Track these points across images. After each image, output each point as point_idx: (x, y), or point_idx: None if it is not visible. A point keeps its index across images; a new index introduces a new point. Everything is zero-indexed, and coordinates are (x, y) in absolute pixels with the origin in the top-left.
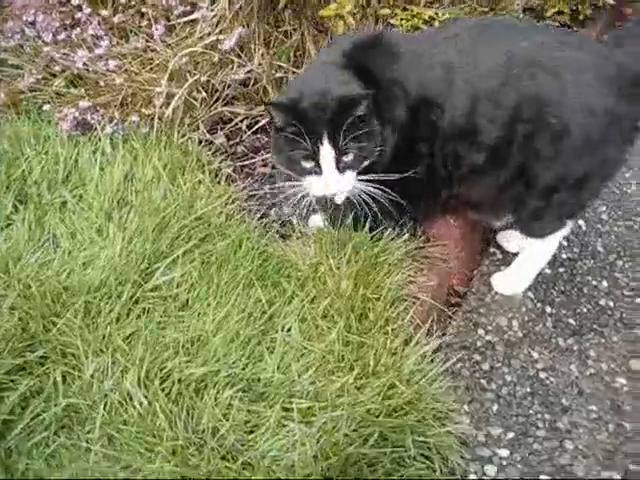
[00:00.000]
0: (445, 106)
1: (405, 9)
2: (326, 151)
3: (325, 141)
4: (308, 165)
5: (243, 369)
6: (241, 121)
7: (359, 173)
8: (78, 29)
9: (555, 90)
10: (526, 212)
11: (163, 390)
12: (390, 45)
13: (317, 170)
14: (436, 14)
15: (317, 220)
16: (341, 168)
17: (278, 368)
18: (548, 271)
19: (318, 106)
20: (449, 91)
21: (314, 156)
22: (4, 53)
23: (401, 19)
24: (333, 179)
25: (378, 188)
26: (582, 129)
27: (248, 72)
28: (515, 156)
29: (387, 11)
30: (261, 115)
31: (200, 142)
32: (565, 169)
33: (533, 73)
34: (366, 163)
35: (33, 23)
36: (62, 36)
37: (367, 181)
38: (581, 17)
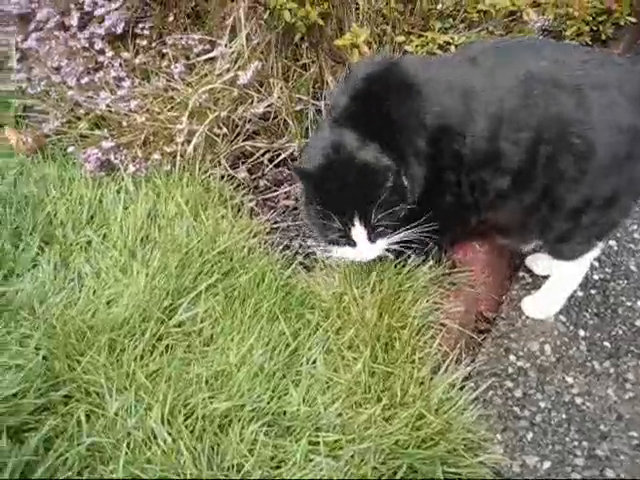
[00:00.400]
0: (466, 132)
1: (420, 35)
2: (358, 231)
3: (356, 221)
4: (340, 239)
5: (268, 403)
6: (262, 155)
7: None
8: (101, 72)
9: (577, 109)
10: (553, 235)
11: (187, 427)
12: (405, 75)
13: (350, 242)
14: (452, 39)
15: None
16: (373, 238)
17: (304, 401)
18: (580, 293)
19: (344, 181)
20: (469, 117)
21: (345, 234)
22: (31, 99)
23: (416, 45)
24: (366, 250)
25: (408, 228)
26: (607, 148)
27: (268, 106)
28: (539, 178)
29: (402, 38)
30: (282, 148)
31: (222, 177)
32: (591, 190)
33: (554, 93)
34: (393, 226)
35: (58, 69)
36: (86, 80)
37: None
38: (603, 37)
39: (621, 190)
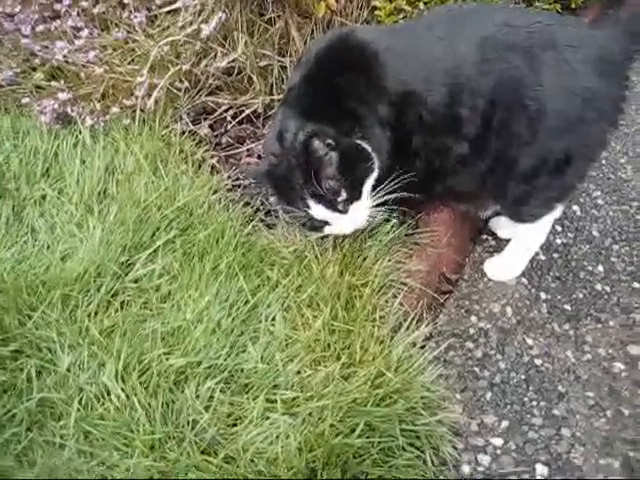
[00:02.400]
0: (427, 99)
1: None
2: (318, 209)
3: (310, 202)
4: (315, 223)
5: (225, 360)
6: (225, 111)
7: None
8: (58, 21)
9: (529, 71)
10: (510, 198)
11: (141, 383)
12: (362, 45)
13: (322, 223)
14: None
15: None
16: (343, 207)
17: (262, 358)
18: (542, 257)
19: (290, 174)
20: (429, 83)
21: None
22: None
23: (384, 1)
24: (344, 222)
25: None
26: (559, 109)
27: (232, 61)
28: (493, 142)
29: None
30: (246, 105)
31: (183, 133)
32: (544, 152)
33: (507, 56)
34: (370, 181)
35: (11, 16)
36: (41, 28)
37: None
38: (573, 5)
39: (574, 153)
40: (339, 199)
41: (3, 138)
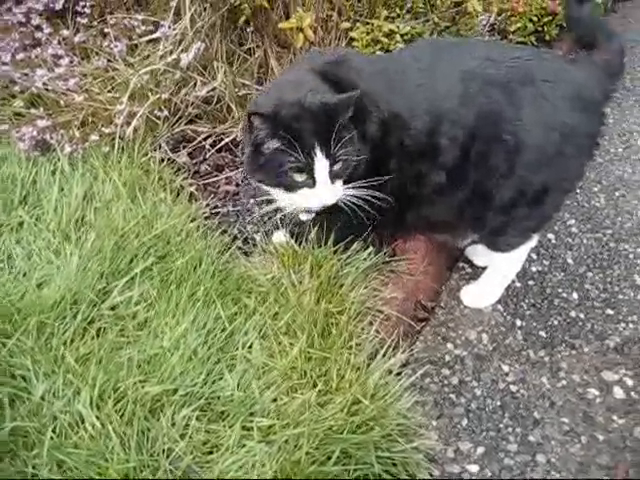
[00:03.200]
0: (410, 124)
1: (367, 23)
2: (320, 162)
3: (317, 151)
4: (300, 178)
5: (201, 387)
6: (205, 139)
7: None
8: (38, 49)
9: (508, 106)
10: (487, 228)
11: (117, 411)
12: (358, 64)
13: (309, 182)
14: (397, 27)
15: (281, 236)
16: (332, 178)
17: (238, 386)
18: (518, 284)
19: (306, 114)
20: (413, 110)
21: (307, 168)
22: None
23: (362, 32)
24: (327, 190)
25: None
26: (537, 144)
27: (211, 90)
28: (472, 174)
29: (348, 25)
30: (224, 133)
31: (162, 161)
32: (521, 185)
33: (487, 90)
34: (349, 171)
35: None
36: (21, 56)
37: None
38: (547, 37)
39: (551, 186)
40: (335, 168)
41: None
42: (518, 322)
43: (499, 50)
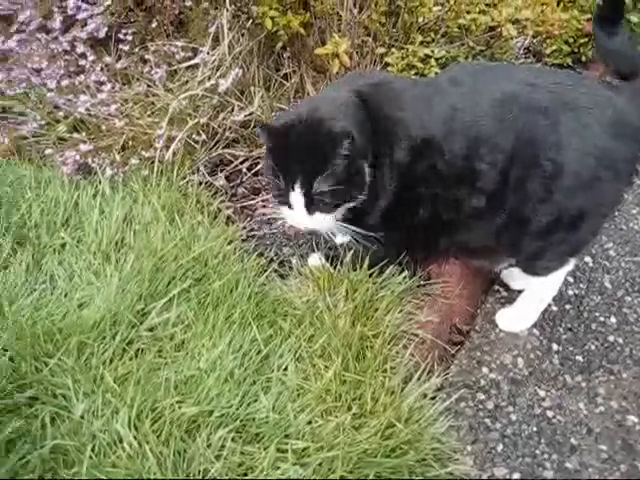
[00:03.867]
0: (445, 149)
1: (401, 48)
2: (296, 192)
3: (297, 186)
4: (281, 198)
5: (237, 409)
6: (241, 163)
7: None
8: (82, 76)
9: (547, 131)
10: (524, 253)
11: (154, 431)
12: (396, 87)
13: (289, 205)
14: (432, 52)
15: (316, 259)
16: (312, 210)
17: (273, 408)
18: (554, 308)
19: (297, 142)
20: (448, 134)
21: (285, 193)
22: (10, 101)
23: (397, 57)
24: (302, 219)
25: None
26: (575, 170)
27: (248, 114)
28: (510, 199)
29: (383, 50)
30: (261, 157)
31: (200, 184)
32: (559, 210)
33: (527, 115)
34: (346, 206)
35: (38, 71)
36: (66, 82)
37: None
38: (583, 59)
39: (588, 210)
40: (316, 203)
41: (26, 187)
42: (554, 346)
43: (538, 75)
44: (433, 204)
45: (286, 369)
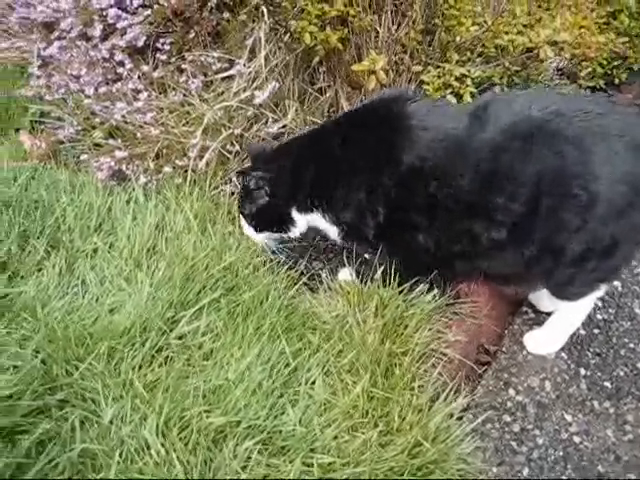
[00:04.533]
0: (451, 182)
1: (437, 66)
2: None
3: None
4: None
5: (264, 421)
6: None
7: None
8: (119, 83)
9: (579, 161)
10: (556, 280)
11: (181, 439)
12: (403, 113)
13: None
14: (468, 71)
15: (346, 273)
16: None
17: (300, 421)
18: (582, 332)
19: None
20: (457, 168)
21: None
22: (48, 106)
23: (433, 76)
24: (251, 232)
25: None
26: (609, 198)
27: (282, 127)
28: (540, 230)
29: (419, 68)
30: None
31: (232, 194)
32: (593, 238)
33: (555, 145)
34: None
35: (77, 77)
36: (103, 89)
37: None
38: (617, 81)
39: (622, 237)
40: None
41: (61, 192)
42: (582, 371)
43: (569, 103)
44: (437, 234)
45: (314, 383)
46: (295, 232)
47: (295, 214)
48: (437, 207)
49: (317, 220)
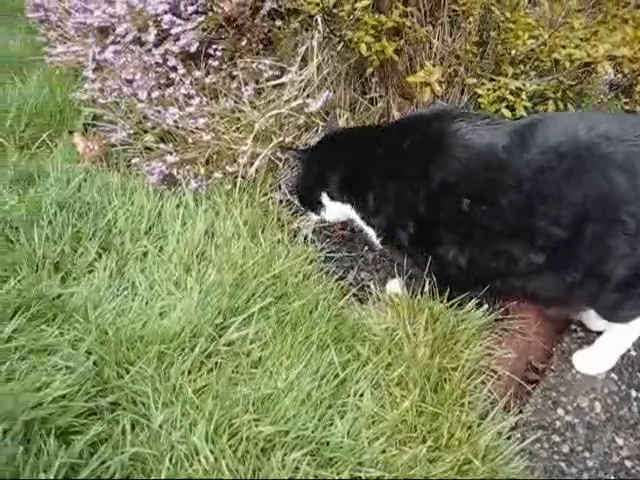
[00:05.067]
0: (487, 201)
1: (492, 79)
2: None
3: None
4: None
5: (313, 432)
6: None
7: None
8: (171, 88)
9: (628, 187)
10: (603, 304)
11: (230, 447)
12: (443, 129)
13: None
14: (523, 85)
15: (395, 285)
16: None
17: (348, 434)
18: (633, 353)
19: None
20: (495, 187)
21: None
22: (101, 109)
23: (487, 89)
24: None
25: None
26: None
27: None
28: (585, 256)
29: (474, 80)
30: None
31: (281, 202)
32: (638, 264)
33: (603, 169)
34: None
35: (130, 81)
36: (156, 94)
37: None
38: None
39: None
40: None
41: (112, 195)
42: (633, 393)
43: (618, 125)
44: (467, 250)
45: (362, 395)
46: (326, 217)
47: (325, 199)
48: (471, 225)
49: (351, 214)
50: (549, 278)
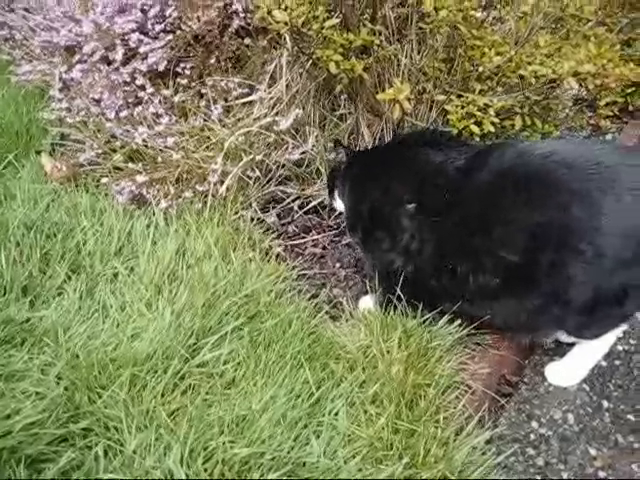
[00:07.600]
0: (435, 215)
1: (459, 95)
2: None
3: None
4: None
5: (289, 452)
6: (293, 201)
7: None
8: (140, 107)
9: (584, 215)
10: (569, 326)
11: (206, 470)
12: (413, 150)
13: None
14: (491, 101)
15: (368, 301)
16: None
17: (324, 453)
18: (604, 363)
19: None
20: (443, 201)
21: None
22: (69, 128)
23: (456, 106)
24: None
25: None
26: (615, 251)
27: (302, 153)
28: (544, 282)
29: (442, 97)
30: (313, 196)
31: (252, 220)
32: (600, 289)
33: (557, 195)
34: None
35: (98, 101)
36: (124, 113)
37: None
38: (631, 108)
39: (630, 286)
40: None
41: (81, 215)
42: (605, 403)
43: (576, 152)
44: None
45: (337, 414)
46: (337, 207)
47: (335, 194)
48: (415, 236)
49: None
50: (508, 303)
